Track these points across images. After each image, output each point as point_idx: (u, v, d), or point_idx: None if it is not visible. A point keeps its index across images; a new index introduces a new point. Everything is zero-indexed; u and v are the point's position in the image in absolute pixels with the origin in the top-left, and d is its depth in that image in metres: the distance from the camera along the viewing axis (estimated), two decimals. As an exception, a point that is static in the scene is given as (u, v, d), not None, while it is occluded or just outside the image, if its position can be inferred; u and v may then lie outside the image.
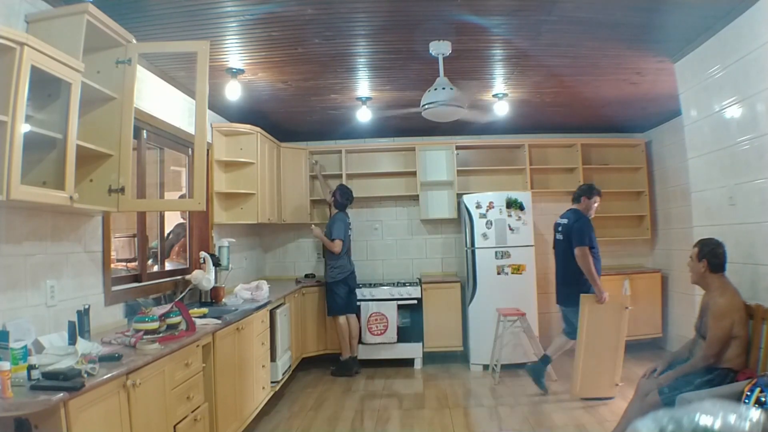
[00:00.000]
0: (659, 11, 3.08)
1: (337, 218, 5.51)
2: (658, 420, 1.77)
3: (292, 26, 3.19)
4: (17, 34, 1.98)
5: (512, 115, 5.31)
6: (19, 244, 2.36)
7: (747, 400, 2.34)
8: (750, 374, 2.72)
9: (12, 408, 1.70)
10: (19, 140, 1.97)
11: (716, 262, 3.03)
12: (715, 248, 3.05)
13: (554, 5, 2.96)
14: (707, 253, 3.05)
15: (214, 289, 4.15)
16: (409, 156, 6.21)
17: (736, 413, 1.75)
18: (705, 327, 3.00)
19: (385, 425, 3.99)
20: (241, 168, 4.91)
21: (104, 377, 1.97)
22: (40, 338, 2.25)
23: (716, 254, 3.03)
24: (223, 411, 3.19)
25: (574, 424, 3.78)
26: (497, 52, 3.75)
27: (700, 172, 3.64)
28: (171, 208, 4.50)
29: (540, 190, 6.14)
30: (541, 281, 5.81)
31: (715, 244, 3.07)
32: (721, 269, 3.04)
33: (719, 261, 3.03)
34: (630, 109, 5.33)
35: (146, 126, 3.63)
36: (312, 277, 6.08)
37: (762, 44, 2.87)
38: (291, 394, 4.83)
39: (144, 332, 2.50)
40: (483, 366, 5.35)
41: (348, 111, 5.10)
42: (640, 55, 3.81)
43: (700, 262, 3.07)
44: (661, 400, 2.86)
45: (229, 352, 3.36)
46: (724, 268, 3.04)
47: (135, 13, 2.89)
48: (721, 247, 3.05)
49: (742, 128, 3.11)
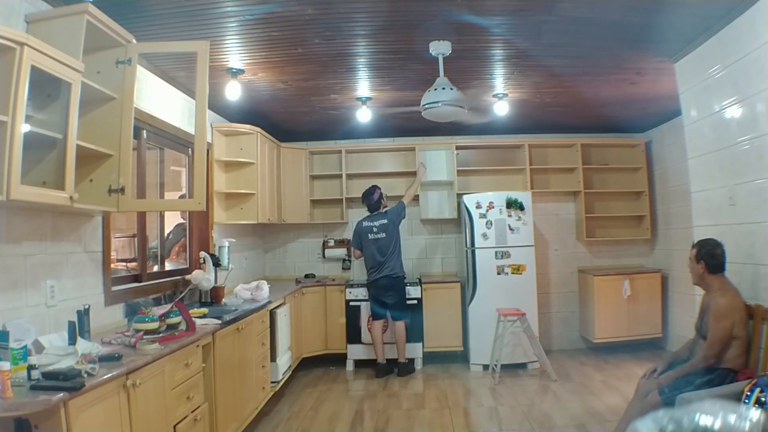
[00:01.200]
0: (659, 11, 3.08)
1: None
2: (658, 420, 1.77)
3: (292, 26, 3.19)
4: (17, 34, 1.98)
5: (512, 115, 5.31)
6: (19, 244, 2.36)
7: (747, 400, 2.34)
8: (750, 374, 2.72)
9: (12, 408, 1.70)
10: (19, 140, 1.97)
11: (714, 263, 3.01)
12: (712, 249, 3.02)
13: (554, 5, 2.96)
14: (705, 254, 3.03)
15: (214, 289, 4.15)
16: (409, 156, 6.22)
17: (736, 413, 1.75)
18: (705, 327, 2.99)
19: (385, 425, 3.99)
20: (241, 168, 4.91)
21: (104, 377, 1.97)
22: (40, 338, 2.25)
23: (714, 255, 3.01)
24: (223, 411, 3.19)
25: (574, 424, 3.77)
26: (497, 52, 3.75)
27: (700, 172, 3.64)
28: (171, 208, 4.49)
29: (540, 190, 6.14)
30: (541, 281, 5.81)
31: (713, 245, 3.04)
32: (721, 269, 3.02)
33: (717, 262, 3.01)
34: (630, 109, 5.32)
35: (146, 126, 3.63)
36: (312, 277, 6.08)
37: (762, 44, 2.87)
38: (291, 394, 4.83)
39: (144, 332, 2.50)
40: (483, 366, 5.35)
41: (348, 111, 5.10)
42: (640, 55, 3.81)
43: (698, 263, 3.05)
44: (661, 400, 2.86)
45: (229, 352, 3.36)
46: (724, 268, 3.03)
47: (135, 13, 2.89)
48: (719, 248, 3.03)
49: (742, 128, 3.11)
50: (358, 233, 5.46)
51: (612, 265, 6.18)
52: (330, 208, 6.31)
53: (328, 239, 6.36)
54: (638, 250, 6.28)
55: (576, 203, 6.25)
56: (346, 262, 6.35)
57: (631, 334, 5.67)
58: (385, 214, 5.41)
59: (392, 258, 5.30)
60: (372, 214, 5.47)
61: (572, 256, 6.26)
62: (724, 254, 3.03)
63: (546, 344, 5.77)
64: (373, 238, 5.34)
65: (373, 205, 5.44)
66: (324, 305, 5.76)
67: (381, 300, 5.34)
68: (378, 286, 5.32)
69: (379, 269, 5.29)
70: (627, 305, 5.64)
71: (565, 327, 6.21)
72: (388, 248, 5.30)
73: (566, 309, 6.22)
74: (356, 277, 6.30)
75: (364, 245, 5.39)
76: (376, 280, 5.31)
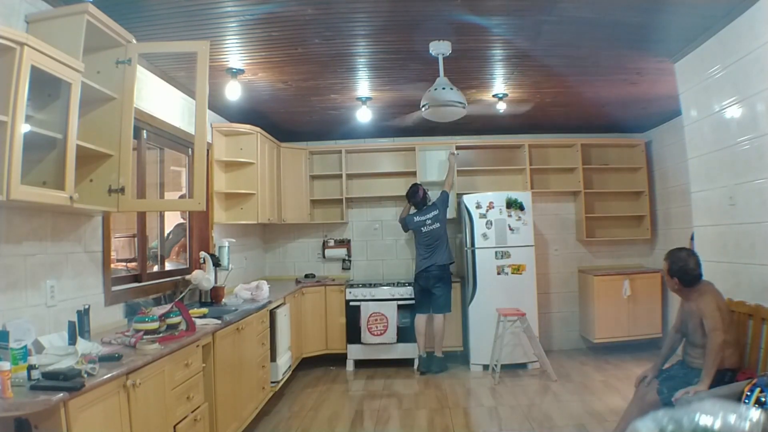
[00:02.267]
0: (659, 11, 3.08)
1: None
2: (658, 420, 1.78)
3: (292, 26, 3.19)
4: (17, 34, 1.98)
5: (512, 115, 5.31)
6: (19, 244, 2.36)
7: (747, 400, 2.34)
8: (750, 374, 2.72)
9: (12, 408, 1.70)
10: (19, 140, 1.97)
11: (688, 278, 2.93)
12: (684, 266, 2.93)
13: (554, 5, 2.96)
14: (676, 271, 2.95)
15: (214, 289, 4.15)
16: (409, 156, 6.21)
17: (736, 413, 1.76)
18: (691, 333, 2.96)
19: (385, 425, 3.99)
20: (241, 168, 4.91)
21: (104, 377, 1.97)
22: (40, 338, 2.25)
23: (686, 271, 2.93)
24: (223, 411, 3.19)
25: (574, 424, 3.77)
26: (497, 52, 3.75)
27: (700, 172, 3.64)
28: (171, 208, 4.49)
29: (540, 190, 6.14)
30: (541, 281, 5.81)
31: (684, 260, 2.94)
32: (696, 282, 2.94)
33: (691, 276, 2.93)
34: (630, 109, 5.32)
35: (146, 126, 3.63)
36: (312, 277, 6.08)
37: (762, 44, 2.87)
38: (291, 394, 4.83)
39: (144, 332, 2.50)
40: (483, 366, 5.35)
41: (348, 111, 5.10)
42: (640, 55, 3.81)
43: (672, 278, 2.98)
44: (660, 400, 2.86)
45: (229, 352, 3.36)
46: (700, 279, 2.95)
47: (135, 13, 2.89)
48: (691, 261, 2.93)
49: (742, 128, 3.11)
50: (409, 228, 5.61)
51: (612, 265, 6.18)
52: (330, 208, 6.31)
53: (328, 239, 6.36)
54: (638, 250, 6.28)
55: (576, 203, 6.25)
56: (346, 262, 6.35)
57: (631, 334, 5.67)
58: (434, 206, 5.54)
59: (442, 246, 5.44)
60: (421, 209, 5.59)
61: (572, 256, 6.26)
62: (699, 265, 2.94)
63: (546, 344, 5.77)
64: (427, 230, 5.47)
65: (420, 202, 5.58)
66: (324, 305, 5.75)
67: (429, 291, 5.40)
68: (429, 275, 5.38)
69: (430, 257, 5.40)
70: (627, 305, 5.64)
71: (565, 327, 6.21)
72: (439, 237, 5.45)
73: (566, 309, 6.22)
74: (356, 277, 6.30)
75: (418, 239, 5.54)
76: (426, 268, 5.38)
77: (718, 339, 2.75)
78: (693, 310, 2.94)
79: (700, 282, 2.96)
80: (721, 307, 2.85)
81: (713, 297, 2.88)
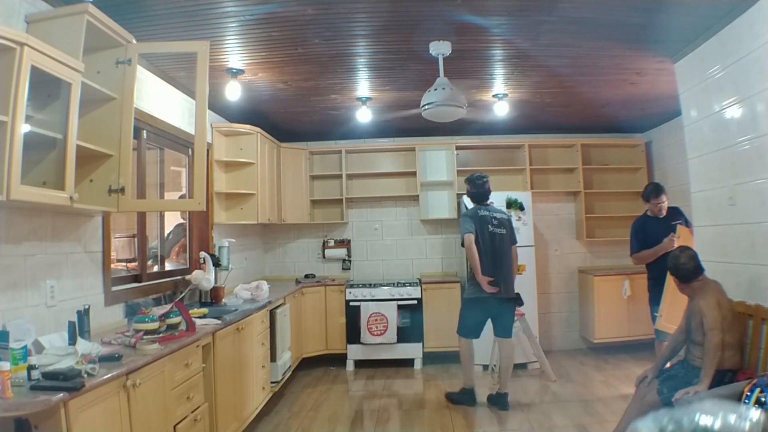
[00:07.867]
0: (659, 11, 3.08)
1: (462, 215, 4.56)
2: (658, 420, 1.78)
3: (292, 26, 3.19)
4: (17, 34, 1.98)
5: (512, 115, 5.31)
6: (19, 244, 2.36)
7: (747, 400, 2.34)
8: (750, 374, 2.72)
9: (12, 408, 1.70)
10: (19, 140, 1.97)
11: (683, 274, 2.98)
12: (676, 262, 2.99)
13: (554, 5, 2.96)
14: (671, 269, 3.01)
15: (214, 289, 4.15)
16: (409, 156, 6.22)
17: (736, 413, 1.76)
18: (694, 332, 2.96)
19: (385, 425, 3.99)
20: (241, 168, 4.91)
21: (104, 377, 1.97)
22: (40, 338, 2.25)
23: (679, 268, 2.98)
24: (223, 411, 3.19)
25: (574, 424, 3.77)
26: (497, 52, 3.75)
27: (700, 172, 3.64)
28: (171, 208, 4.49)
29: (540, 190, 6.14)
30: (541, 281, 5.81)
31: (676, 256, 3.01)
32: (695, 276, 2.98)
33: (686, 272, 2.97)
34: (630, 109, 5.33)
35: (146, 126, 3.63)
36: (312, 277, 6.08)
37: (762, 44, 2.87)
38: (291, 394, 4.83)
39: (144, 332, 2.50)
40: (483, 366, 5.34)
41: (348, 111, 5.10)
42: (640, 55, 3.81)
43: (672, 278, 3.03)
44: (660, 400, 2.86)
45: (229, 352, 3.36)
46: (699, 273, 2.98)
47: (135, 13, 2.89)
48: (682, 256, 2.98)
49: (742, 128, 3.11)
50: (474, 220, 4.28)
51: (612, 265, 6.17)
52: (330, 208, 6.31)
53: (328, 239, 6.36)
54: (638, 250, 6.26)
55: (576, 203, 6.25)
56: (346, 262, 6.35)
57: (631, 335, 5.66)
58: (500, 210, 4.56)
59: (509, 268, 4.33)
60: (485, 204, 4.46)
61: (572, 256, 6.26)
62: (693, 258, 2.98)
63: (546, 344, 5.77)
64: (493, 231, 4.29)
65: (484, 194, 4.45)
66: (324, 305, 5.75)
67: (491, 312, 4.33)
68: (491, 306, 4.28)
69: (495, 272, 4.21)
70: (627, 305, 5.64)
71: (565, 327, 6.21)
72: (504, 251, 4.31)
73: (566, 309, 6.22)
74: (356, 277, 6.30)
75: (482, 237, 4.24)
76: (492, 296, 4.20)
77: (715, 338, 2.76)
78: (695, 308, 2.95)
79: (699, 278, 2.98)
80: (722, 306, 2.85)
81: (715, 296, 2.89)
